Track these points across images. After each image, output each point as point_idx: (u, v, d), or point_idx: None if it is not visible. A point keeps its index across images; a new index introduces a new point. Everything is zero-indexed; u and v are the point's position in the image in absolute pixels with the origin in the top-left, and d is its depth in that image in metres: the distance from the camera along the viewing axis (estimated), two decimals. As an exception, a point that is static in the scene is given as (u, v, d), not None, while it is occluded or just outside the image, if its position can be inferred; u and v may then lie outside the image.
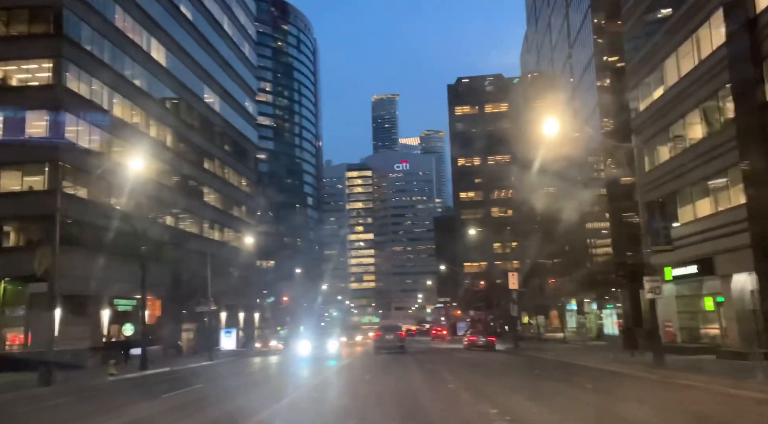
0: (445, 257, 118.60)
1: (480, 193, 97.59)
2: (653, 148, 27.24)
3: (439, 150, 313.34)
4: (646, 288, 18.77)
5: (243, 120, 66.37)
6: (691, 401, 12.30)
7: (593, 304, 45.11)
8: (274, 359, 37.94)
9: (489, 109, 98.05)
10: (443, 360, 27.14)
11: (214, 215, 57.35)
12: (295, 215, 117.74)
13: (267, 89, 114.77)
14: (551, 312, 59.14)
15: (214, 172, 57.86)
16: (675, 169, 24.39)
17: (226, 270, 60.45)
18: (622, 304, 35.89)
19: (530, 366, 22.39)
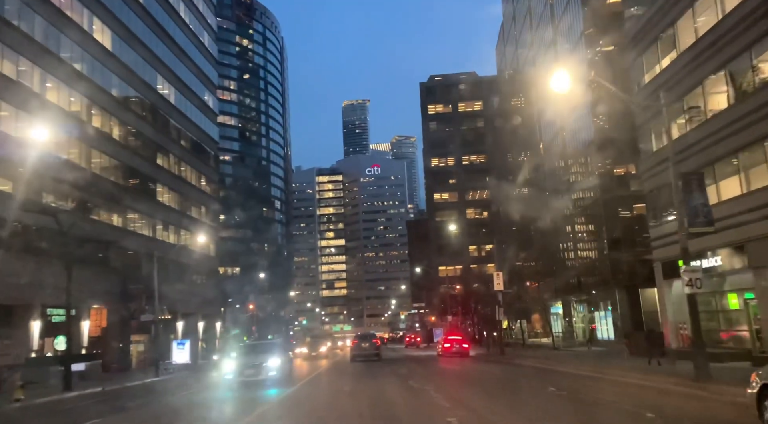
0: (419, 262, 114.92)
1: (454, 194, 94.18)
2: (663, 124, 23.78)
3: (411, 155, 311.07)
4: (683, 281, 15.05)
5: (202, 115, 61.68)
6: None
7: (581, 306, 41.69)
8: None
9: (463, 108, 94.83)
10: (427, 374, 23.03)
11: (169, 216, 52.52)
12: (263, 220, 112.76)
13: (231, 88, 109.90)
14: (533, 316, 55.66)
15: (169, 169, 53.08)
16: (693, 145, 20.88)
17: (184, 275, 55.68)
18: (620, 305, 32.42)
19: (536, 380, 18.36)
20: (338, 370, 27.11)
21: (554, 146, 44.55)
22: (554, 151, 44.57)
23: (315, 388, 19.30)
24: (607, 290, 34.39)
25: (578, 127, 37.63)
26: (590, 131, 35.09)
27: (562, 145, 42.58)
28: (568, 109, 38.75)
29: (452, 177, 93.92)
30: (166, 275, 51.96)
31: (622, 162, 33.43)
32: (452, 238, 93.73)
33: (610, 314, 34.25)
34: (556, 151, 44.13)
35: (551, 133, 45.31)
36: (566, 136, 41.18)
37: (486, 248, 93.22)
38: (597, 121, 33.74)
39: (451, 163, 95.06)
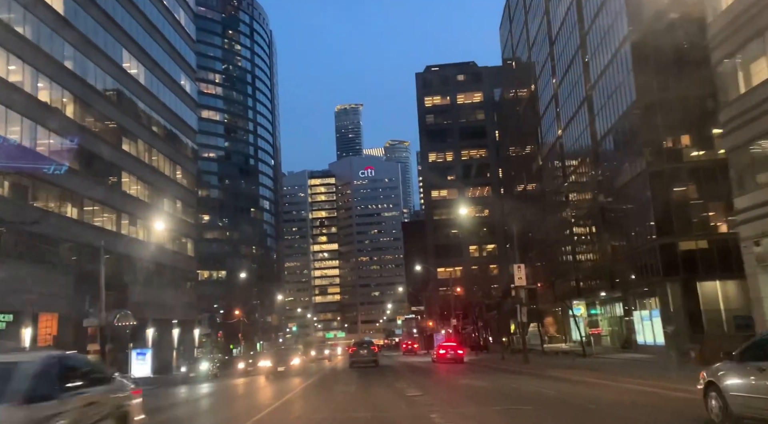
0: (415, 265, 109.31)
1: (453, 190, 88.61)
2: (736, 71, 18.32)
3: (404, 160, 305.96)
4: None
5: (178, 100, 55.87)
6: None
7: (611, 306, 35.96)
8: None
9: (462, 100, 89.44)
10: (450, 399, 16.59)
11: (137, 209, 46.56)
12: (251, 221, 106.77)
13: (216, 81, 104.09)
14: (546, 319, 50.03)
15: (137, 157, 47.19)
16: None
17: (155, 277, 49.78)
18: (672, 303, 26.75)
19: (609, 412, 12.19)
20: (318, 391, 18.55)
21: (578, 120, 38.88)
22: (577, 126, 38.90)
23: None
24: (652, 285, 28.77)
25: (613, 88, 31.85)
26: (629, 92, 29.46)
27: (588, 117, 37.06)
28: (599, 68, 33.27)
29: (451, 173, 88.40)
30: (134, 275, 46.19)
31: (674, 128, 27.95)
32: (451, 237, 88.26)
33: (657, 313, 28.52)
34: (580, 126, 38.49)
35: (574, 104, 39.85)
36: (596, 101, 35.64)
37: (488, 247, 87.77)
38: (642, 78, 28.15)
39: (450, 159, 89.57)
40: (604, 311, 38.31)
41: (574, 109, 40.24)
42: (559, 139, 44.39)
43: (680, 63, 25.43)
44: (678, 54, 26.67)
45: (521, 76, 65.84)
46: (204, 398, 21.80)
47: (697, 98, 25.39)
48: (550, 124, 46.95)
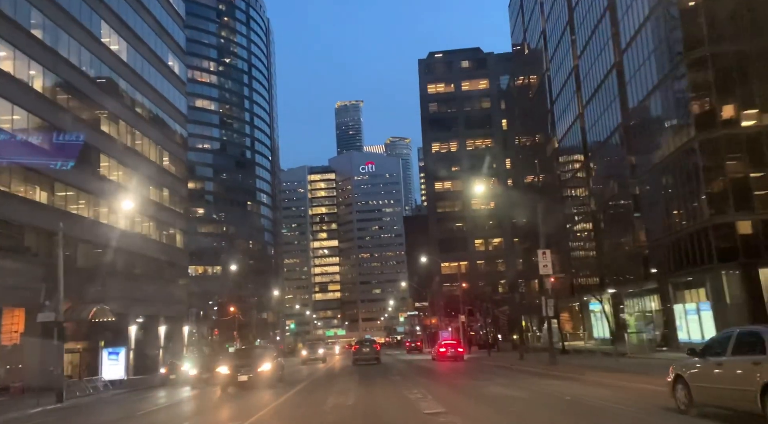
0: (418, 261, 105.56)
1: (458, 182, 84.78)
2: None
3: (405, 157, 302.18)
4: None
5: (166, 81, 52.10)
6: None
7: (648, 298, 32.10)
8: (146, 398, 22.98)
9: (467, 87, 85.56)
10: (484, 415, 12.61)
11: (118, 196, 42.72)
12: (247, 215, 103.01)
13: (211, 69, 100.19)
14: (561, 315, 46.33)
15: (118, 139, 43.41)
16: None
17: (139, 270, 46.14)
18: (729, 293, 22.96)
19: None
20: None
21: (604, 92, 34.86)
22: (603, 100, 34.89)
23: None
24: (700, 274, 24.96)
25: (653, 46, 27.80)
26: (674, 47, 25.49)
27: (618, 87, 33.16)
28: (634, 23, 29.35)
29: (455, 163, 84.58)
30: (114, 268, 42.48)
31: (730, 88, 24.07)
32: (455, 231, 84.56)
33: (707, 306, 24.61)
34: (606, 99, 34.49)
35: (599, 75, 35.91)
36: (629, 66, 31.81)
37: (494, 241, 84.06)
38: (690, 28, 24.26)
39: (454, 149, 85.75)
40: (633, 305, 34.56)
41: (599, 80, 36.30)
42: (579, 118, 40.54)
43: (738, 9, 21.63)
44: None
45: (533, 60, 62.01)
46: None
47: (759, 52, 21.79)
48: (567, 102, 43.10)
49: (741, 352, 9.19)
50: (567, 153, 44.46)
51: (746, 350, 9.07)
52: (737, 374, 8.97)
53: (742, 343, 9.35)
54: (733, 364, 9.21)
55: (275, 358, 23.46)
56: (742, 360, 9.00)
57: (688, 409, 10.15)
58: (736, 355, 9.25)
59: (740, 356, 9.13)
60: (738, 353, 9.26)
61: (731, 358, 9.32)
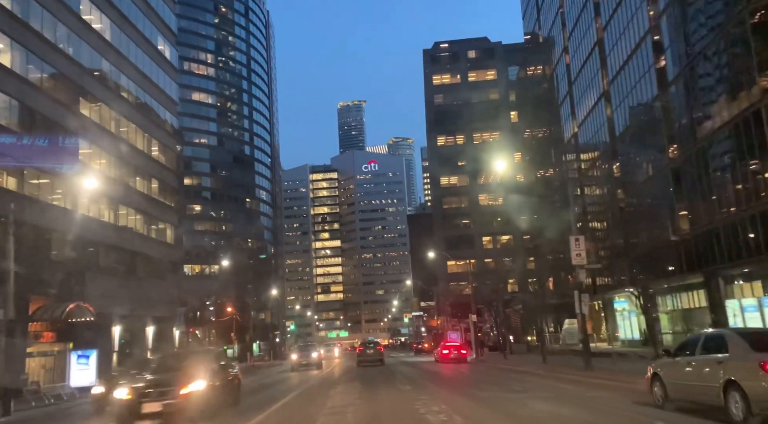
0: (422, 260, 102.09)
1: (464, 177, 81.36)
2: None
3: (408, 158, 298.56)
4: None
5: (156, 66, 48.78)
6: None
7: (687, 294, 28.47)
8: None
9: (473, 78, 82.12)
10: None
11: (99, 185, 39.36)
12: (246, 213, 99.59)
13: (209, 61, 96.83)
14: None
15: (100, 123, 40.07)
16: None
17: (124, 266, 42.85)
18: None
19: None
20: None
21: (638, 60, 30.89)
22: (635, 70, 30.92)
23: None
24: (764, 264, 21.34)
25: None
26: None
27: (653, 53, 29.51)
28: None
29: (462, 158, 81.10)
30: (96, 263, 39.20)
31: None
32: (462, 228, 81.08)
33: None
34: (639, 68, 30.53)
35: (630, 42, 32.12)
36: (667, 30, 28.23)
37: (502, 239, 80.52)
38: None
39: (461, 142, 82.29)
40: (667, 302, 31.01)
41: (629, 51, 32.64)
42: (604, 97, 36.94)
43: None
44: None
45: (546, 47, 58.52)
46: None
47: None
48: (589, 81, 39.46)
49: (708, 352, 10.00)
50: (589, 136, 40.82)
51: (712, 350, 9.90)
52: (704, 372, 9.83)
53: (709, 344, 10.16)
54: (701, 363, 10.04)
55: (218, 371, 14.21)
56: (709, 360, 9.82)
57: (664, 404, 11.11)
58: (704, 355, 10.05)
59: (707, 356, 9.93)
60: (705, 353, 10.06)
61: (699, 357, 10.16)
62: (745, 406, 8.78)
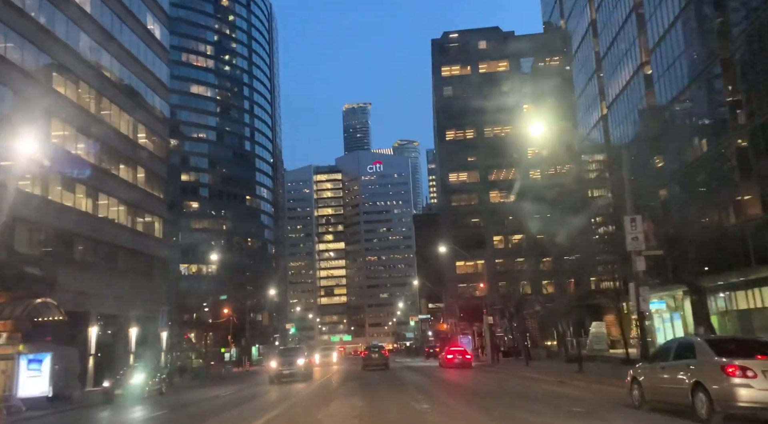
0: (429, 261, 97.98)
1: (474, 173, 77.24)
2: None
3: (414, 160, 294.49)
4: None
5: (144, 45, 45.00)
6: None
7: (746, 293, 24.31)
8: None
9: (484, 69, 78.08)
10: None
11: (74, 170, 35.58)
12: (246, 211, 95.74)
13: (208, 53, 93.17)
14: (605, 317, 38.63)
15: (78, 103, 36.27)
16: None
17: (105, 260, 39.06)
18: None
19: None
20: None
21: (690, 14, 26.76)
22: (688, 23, 26.72)
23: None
24: None
25: None
26: None
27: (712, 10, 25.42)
28: None
29: (472, 153, 77.00)
30: (69, 256, 35.38)
31: None
32: (471, 227, 76.89)
33: None
34: (689, 35, 26.39)
35: (673, 8, 28.13)
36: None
37: (514, 238, 76.24)
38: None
39: (471, 136, 78.21)
40: (717, 302, 26.87)
41: (674, 12, 28.58)
42: (642, 68, 32.83)
43: None
44: None
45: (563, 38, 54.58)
46: None
47: None
48: (624, 51, 35.34)
49: (680, 358, 11.29)
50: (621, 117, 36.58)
51: (683, 356, 11.21)
52: (676, 375, 11.08)
53: (681, 351, 11.51)
54: (673, 367, 11.32)
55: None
56: (680, 365, 11.10)
57: (641, 405, 12.28)
58: (676, 360, 11.34)
59: (679, 362, 11.21)
60: (677, 358, 11.37)
61: (672, 362, 11.45)
62: (709, 405, 9.85)
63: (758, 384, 9.60)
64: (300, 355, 29.51)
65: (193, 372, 44.20)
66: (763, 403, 9.61)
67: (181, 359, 49.18)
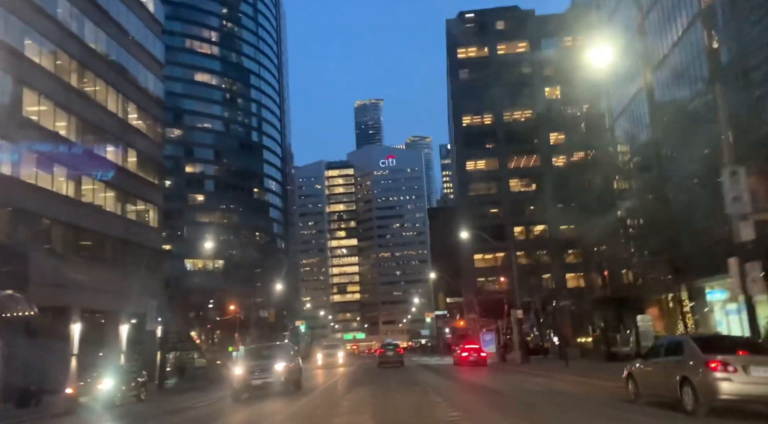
0: (444, 255, 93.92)
1: (493, 161, 72.92)
2: None
3: (427, 157, 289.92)
4: None
5: (132, 14, 41.17)
6: None
7: None
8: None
9: (503, 51, 73.66)
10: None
11: (53, 149, 31.85)
12: (254, 204, 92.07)
13: (213, 39, 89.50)
14: (648, 310, 34.21)
15: (54, 73, 32.52)
16: None
17: (91, 250, 35.41)
18: None
19: None
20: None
21: None
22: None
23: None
24: None
25: None
26: None
27: None
28: None
29: (490, 139, 72.69)
30: (48, 245, 31.73)
31: None
32: (490, 218, 72.61)
33: None
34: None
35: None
36: None
37: (536, 229, 71.90)
38: None
39: (489, 121, 73.90)
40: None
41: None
42: (699, 18, 28.28)
43: None
44: None
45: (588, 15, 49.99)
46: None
47: None
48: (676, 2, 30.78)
49: (670, 355, 12.17)
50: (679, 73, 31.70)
51: (673, 353, 12.07)
52: (665, 370, 11.96)
53: (671, 348, 12.39)
54: (663, 364, 12.21)
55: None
56: (670, 361, 11.98)
57: (637, 399, 13.14)
58: (667, 357, 12.23)
59: (669, 358, 12.11)
60: (668, 355, 12.24)
61: (663, 359, 12.33)
62: (695, 398, 10.79)
63: (738, 378, 10.33)
64: (279, 356, 20.29)
65: (191, 373, 40.50)
66: (742, 395, 10.36)
67: (181, 358, 45.55)
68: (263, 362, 19.78)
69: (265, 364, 19.58)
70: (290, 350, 23.25)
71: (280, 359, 19.90)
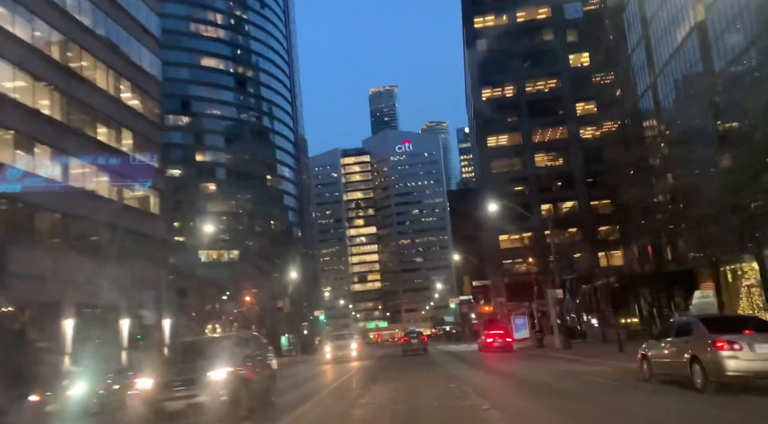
0: (465, 238, 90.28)
1: (516, 135, 68.84)
2: None
3: (444, 142, 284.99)
4: None
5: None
6: None
7: None
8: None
9: (523, 18, 69.31)
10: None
11: (38, 130, 28.77)
12: (268, 192, 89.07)
13: (219, 23, 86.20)
14: (701, 284, 30.30)
15: (33, 45, 29.36)
16: None
17: (83, 241, 32.43)
18: None
19: None
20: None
21: None
22: None
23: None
24: None
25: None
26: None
27: None
28: None
29: (512, 112, 68.56)
30: (31, 234, 28.77)
31: None
32: (514, 196, 68.67)
33: None
34: None
35: None
36: None
37: (565, 206, 67.84)
38: None
39: (510, 94, 69.71)
40: None
41: None
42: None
43: None
44: None
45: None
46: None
47: None
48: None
49: (680, 335, 13.00)
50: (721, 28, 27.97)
51: (683, 334, 12.89)
52: (676, 350, 12.82)
53: (681, 329, 13.24)
54: (674, 344, 13.06)
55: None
56: (680, 341, 12.82)
57: (650, 378, 14.01)
58: (677, 337, 13.05)
59: (679, 338, 12.92)
60: (678, 336, 13.06)
61: (674, 339, 13.22)
62: (704, 375, 11.50)
63: (744, 355, 11.03)
64: (219, 357, 12.34)
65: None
66: (748, 371, 11.05)
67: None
68: (188, 368, 12.16)
69: (191, 372, 11.96)
70: (244, 345, 14.13)
71: (220, 363, 12.00)
